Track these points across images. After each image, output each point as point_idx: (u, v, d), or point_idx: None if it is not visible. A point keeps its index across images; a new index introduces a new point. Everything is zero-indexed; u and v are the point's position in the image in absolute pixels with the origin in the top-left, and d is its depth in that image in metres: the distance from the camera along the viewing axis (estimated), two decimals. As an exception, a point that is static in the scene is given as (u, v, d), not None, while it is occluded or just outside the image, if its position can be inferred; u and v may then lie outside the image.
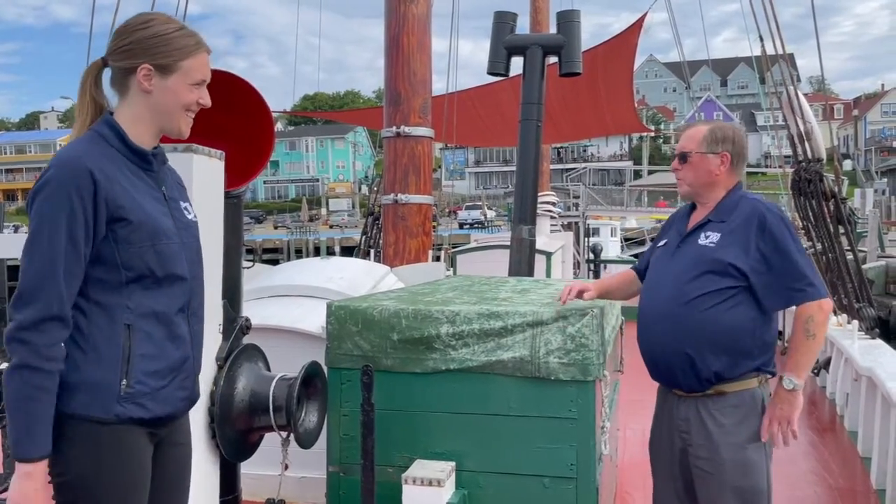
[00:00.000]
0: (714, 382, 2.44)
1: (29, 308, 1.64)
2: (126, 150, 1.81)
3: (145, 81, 1.82)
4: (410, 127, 6.20)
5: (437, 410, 2.66)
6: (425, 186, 6.54)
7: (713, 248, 2.46)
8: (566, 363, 2.55)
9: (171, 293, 1.82)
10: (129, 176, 1.79)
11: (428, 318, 2.68)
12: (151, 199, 1.82)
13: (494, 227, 39.92)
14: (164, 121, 1.86)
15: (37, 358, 1.62)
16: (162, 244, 1.79)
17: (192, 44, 1.85)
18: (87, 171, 1.70)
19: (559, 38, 5.30)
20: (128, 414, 1.73)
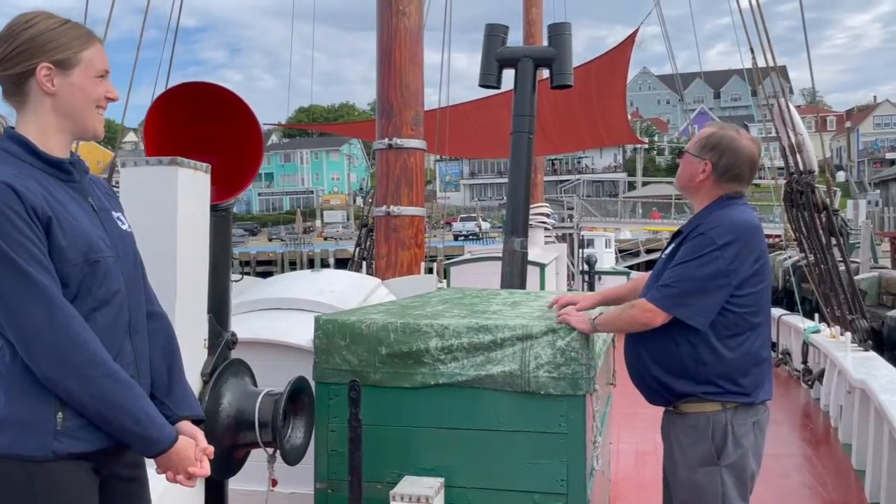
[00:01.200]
0: (671, 399, 2.45)
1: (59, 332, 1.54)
2: (40, 163, 1.65)
3: (47, 82, 1.65)
4: (403, 139, 6.19)
5: (426, 426, 2.63)
6: (418, 198, 6.53)
7: (663, 261, 2.51)
8: (556, 377, 2.52)
9: (109, 311, 1.67)
10: (51, 190, 1.63)
11: (417, 332, 2.65)
12: (80, 212, 1.67)
13: (489, 238, 39.93)
14: (75, 122, 1.70)
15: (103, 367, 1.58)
16: (97, 257, 1.64)
17: (84, 34, 1.71)
18: (7, 186, 1.54)
19: (550, 51, 5.31)
20: (66, 449, 1.58)
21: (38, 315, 1.53)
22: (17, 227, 1.53)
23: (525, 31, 11.92)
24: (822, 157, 8.13)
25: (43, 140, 1.68)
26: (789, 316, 9.23)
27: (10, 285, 1.53)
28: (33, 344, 1.54)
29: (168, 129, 2.86)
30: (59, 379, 1.55)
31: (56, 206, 1.61)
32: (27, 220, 1.54)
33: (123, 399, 1.59)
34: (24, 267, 1.53)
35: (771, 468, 4.88)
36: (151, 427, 1.63)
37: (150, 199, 2.20)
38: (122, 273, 1.72)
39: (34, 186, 1.59)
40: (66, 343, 1.54)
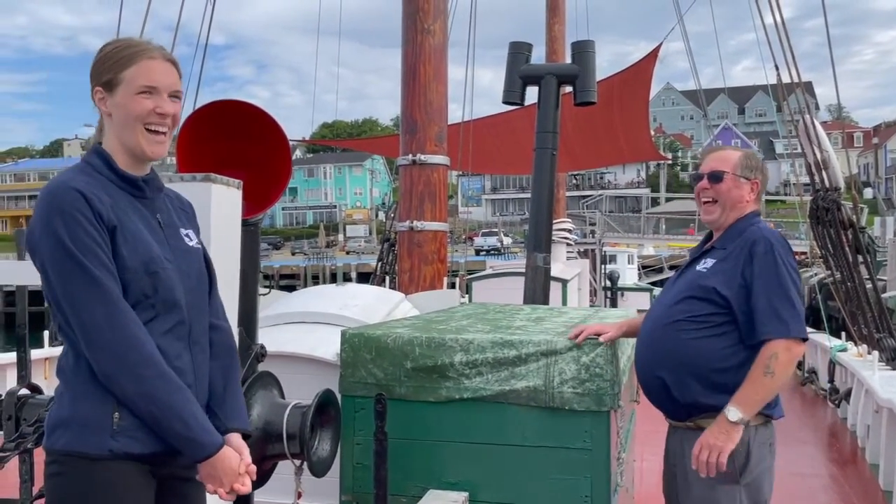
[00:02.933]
0: (693, 414, 2.42)
1: (116, 332, 1.62)
2: (115, 178, 1.78)
3: (101, 104, 1.80)
4: (426, 155, 6.25)
5: (451, 440, 2.65)
6: (441, 214, 6.58)
7: (704, 274, 2.44)
8: (580, 393, 2.54)
9: (168, 321, 1.74)
10: (120, 202, 1.75)
11: (441, 347, 2.68)
12: (145, 227, 1.77)
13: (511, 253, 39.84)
14: (124, 139, 1.79)
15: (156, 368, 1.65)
16: (156, 269, 1.73)
17: (130, 53, 1.79)
18: (78, 192, 1.66)
19: (574, 68, 5.35)
20: (123, 449, 1.66)
21: (100, 314, 1.62)
22: (86, 230, 1.63)
23: (548, 47, 11.98)
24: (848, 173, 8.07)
25: (116, 156, 1.80)
26: (815, 334, 9.12)
27: (77, 285, 1.62)
28: (94, 341, 1.63)
29: (199, 145, 2.93)
30: (115, 376, 1.63)
31: (122, 217, 1.71)
32: (95, 225, 1.65)
33: (173, 401, 1.66)
34: (90, 268, 1.62)
35: (797, 488, 4.82)
36: (198, 430, 1.69)
37: None
38: (184, 286, 1.79)
39: (103, 196, 1.70)
40: (123, 342, 1.63)
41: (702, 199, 2.55)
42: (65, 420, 1.66)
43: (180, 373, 1.73)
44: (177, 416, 1.66)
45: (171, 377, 1.68)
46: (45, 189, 1.71)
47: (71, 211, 1.63)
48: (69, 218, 1.63)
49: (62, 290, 1.64)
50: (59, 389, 1.72)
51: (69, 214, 1.63)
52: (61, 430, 1.66)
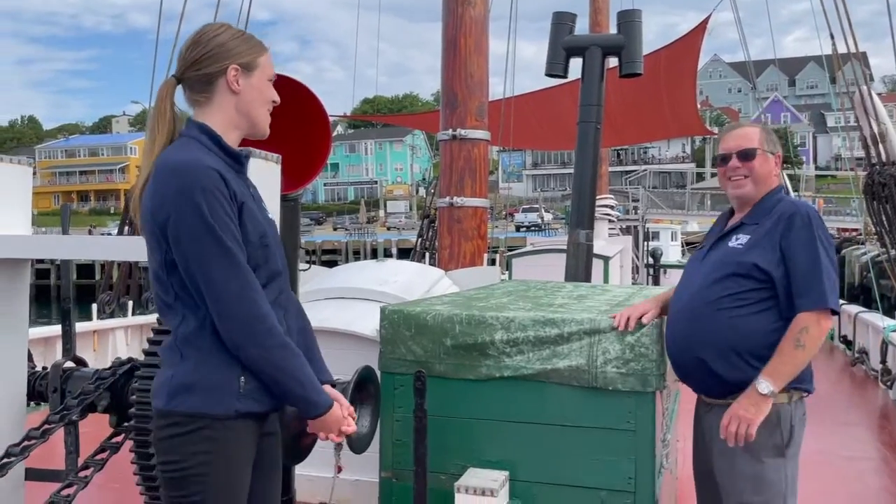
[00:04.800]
0: (734, 391, 2.34)
1: (245, 305, 1.75)
2: (222, 154, 1.87)
3: (234, 81, 1.87)
4: (467, 129, 6.16)
5: (491, 418, 2.62)
6: (481, 189, 6.49)
7: (740, 250, 2.38)
8: (625, 373, 2.47)
9: (274, 289, 1.88)
10: (233, 176, 1.86)
11: (482, 324, 2.63)
12: (251, 199, 1.89)
13: (552, 229, 39.51)
14: (251, 119, 1.92)
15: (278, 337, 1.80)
16: (268, 241, 1.87)
17: (259, 42, 1.94)
18: (215, 170, 1.77)
19: (619, 39, 5.19)
20: (247, 408, 1.81)
21: (233, 287, 1.75)
22: (224, 208, 1.76)
23: (591, 19, 11.69)
24: (906, 147, 7.72)
25: (223, 133, 1.89)
26: (867, 313, 8.84)
27: (214, 260, 1.74)
28: (226, 312, 1.76)
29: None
30: (244, 345, 1.77)
31: (241, 192, 1.83)
32: (230, 203, 1.77)
33: (293, 366, 1.82)
34: (227, 244, 1.75)
35: (846, 471, 4.69)
36: (314, 392, 1.86)
37: None
38: (279, 254, 1.92)
39: (229, 174, 1.81)
40: (252, 314, 1.76)
41: (731, 177, 2.50)
42: (189, 384, 1.79)
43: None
44: (296, 381, 1.83)
45: (289, 345, 1.82)
46: (175, 166, 1.77)
47: (212, 189, 1.74)
48: (210, 195, 1.73)
49: (198, 263, 1.74)
50: (171, 356, 1.83)
51: (210, 192, 1.73)
52: (185, 393, 1.78)
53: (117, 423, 2.54)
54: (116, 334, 7.21)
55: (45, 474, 2.60)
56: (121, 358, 2.61)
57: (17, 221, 2.56)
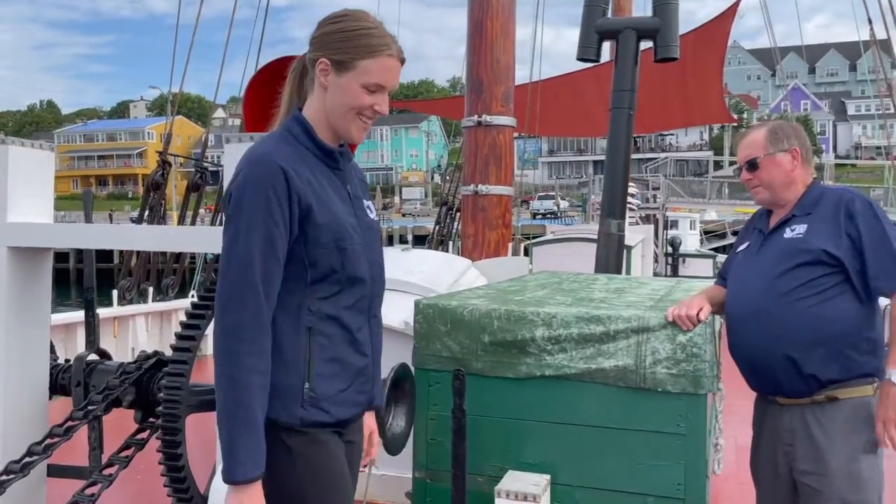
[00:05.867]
0: (824, 386, 2.23)
1: (229, 315, 1.59)
2: (314, 148, 1.75)
3: (322, 75, 1.74)
4: (492, 116, 6.02)
5: (531, 419, 2.50)
6: (506, 177, 6.35)
7: (802, 239, 2.29)
8: (675, 374, 2.34)
9: (352, 295, 1.75)
10: (317, 174, 1.73)
11: (522, 320, 2.51)
12: (338, 199, 1.76)
13: (568, 217, 39.29)
14: (335, 121, 1.76)
15: (237, 368, 1.57)
16: (346, 245, 1.72)
17: (375, 44, 1.73)
18: (280, 169, 1.64)
19: (655, 22, 5.01)
20: (312, 418, 1.69)
21: (234, 288, 1.59)
22: (270, 206, 1.61)
23: (614, 3, 11.46)
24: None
25: (318, 126, 1.76)
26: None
27: (235, 255, 1.61)
28: (216, 310, 1.62)
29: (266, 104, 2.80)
30: (214, 350, 1.60)
31: (319, 192, 1.70)
32: (284, 206, 1.62)
33: (233, 408, 1.57)
34: (253, 248, 1.60)
35: None
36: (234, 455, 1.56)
37: None
38: (368, 260, 1.78)
39: (303, 171, 1.68)
40: (226, 327, 1.58)
41: (750, 187, 2.49)
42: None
43: (360, 345, 1.77)
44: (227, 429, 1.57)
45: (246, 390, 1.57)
46: (249, 155, 1.68)
47: (266, 185, 1.61)
48: (261, 192, 1.61)
49: (224, 253, 1.63)
50: None
51: (263, 190, 1.61)
52: None
53: (142, 419, 2.45)
54: (137, 321, 7.16)
55: (67, 471, 2.52)
56: (146, 351, 2.51)
57: (40, 208, 2.46)
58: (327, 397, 1.70)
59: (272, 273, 1.63)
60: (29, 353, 2.45)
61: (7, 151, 2.36)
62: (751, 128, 2.57)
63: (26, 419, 2.42)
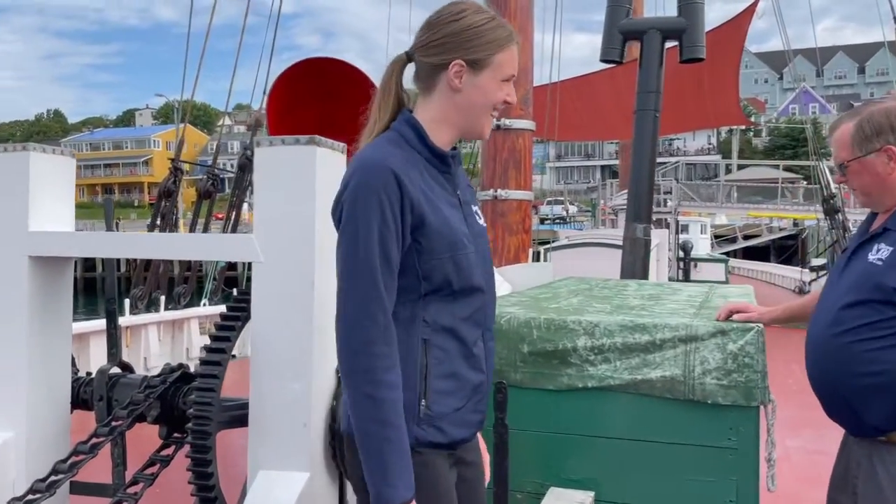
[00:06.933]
0: (883, 430, 2.02)
1: (359, 332, 1.52)
2: (427, 152, 1.67)
3: (456, 78, 1.65)
4: (511, 119, 5.95)
5: (573, 432, 2.39)
6: (525, 181, 6.28)
7: (880, 269, 2.00)
8: (726, 385, 2.23)
9: (467, 306, 1.65)
10: (429, 180, 1.65)
11: (562, 329, 2.40)
12: (449, 206, 1.67)
13: (577, 222, 39.12)
14: (469, 121, 1.70)
15: (375, 387, 1.50)
16: (460, 255, 1.63)
17: (504, 35, 1.67)
18: (393, 175, 1.56)
19: (681, 22, 4.92)
20: (427, 438, 1.60)
21: (355, 306, 1.52)
22: (385, 217, 1.54)
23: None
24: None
25: (433, 129, 1.68)
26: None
27: (353, 269, 1.54)
28: (338, 328, 1.55)
29: (292, 106, 2.72)
30: (342, 372, 1.55)
31: (432, 199, 1.62)
32: (397, 214, 1.55)
33: (374, 430, 1.51)
34: (372, 259, 1.53)
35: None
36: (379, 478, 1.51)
37: (287, 181, 2.04)
38: (481, 269, 1.69)
39: (416, 177, 1.61)
40: (357, 342, 1.51)
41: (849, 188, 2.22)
42: None
43: (476, 360, 1.67)
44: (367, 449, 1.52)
45: (385, 406, 1.50)
46: (360, 159, 1.60)
47: (379, 193, 1.54)
48: (374, 201, 1.54)
49: (342, 267, 1.56)
50: None
51: (376, 197, 1.54)
52: None
53: (167, 435, 2.35)
54: (149, 330, 7.08)
55: (91, 488, 2.42)
56: (170, 364, 2.42)
57: (61, 216, 2.38)
58: (443, 416, 1.61)
59: (391, 284, 1.56)
60: (52, 366, 2.36)
61: (28, 158, 2.27)
62: (840, 119, 2.21)
63: (50, 435, 2.33)
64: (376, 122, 1.71)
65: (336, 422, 2.14)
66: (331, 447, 2.13)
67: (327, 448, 2.12)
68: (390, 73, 1.73)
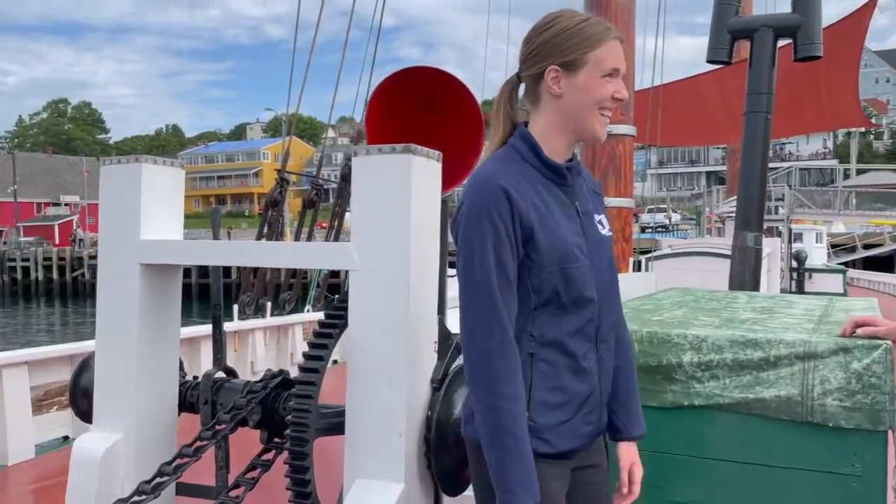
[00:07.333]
0: None
1: (477, 344, 1.58)
2: (540, 165, 1.70)
3: (554, 85, 1.68)
4: (612, 125, 5.81)
5: (678, 453, 2.27)
6: (626, 189, 6.13)
7: None
8: (849, 407, 2.06)
9: (577, 319, 1.66)
10: (543, 193, 1.67)
11: (667, 343, 2.29)
12: (564, 218, 1.68)
13: (680, 230, 37.93)
14: (577, 124, 1.70)
15: (494, 396, 1.55)
16: (571, 267, 1.64)
17: (598, 31, 1.68)
18: (502, 190, 1.60)
19: (795, 18, 4.65)
20: (534, 448, 1.60)
21: (477, 321, 1.58)
22: (497, 230, 1.58)
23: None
24: None
25: (545, 140, 1.71)
26: None
27: (471, 284, 1.59)
28: (463, 341, 1.61)
29: (390, 116, 2.72)
30: (468, 384, 1.61)
31: (543, 212, 1.64)
32: (510, 228, 1.59)
33: (497, 437, 1.56)
34: (489, 274, 1.58)
35: None
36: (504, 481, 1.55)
37: (382, 190, 2.04)
38: (596, 281, 1.69)
39: (528, 191, 1.63)
40: (477, 356, 1.57)
41: None
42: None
43: (586, 373, 1.67)
44: (493, 454, 1.57)
45: (510, 416, 1.55)
46: (473, 176, 1.67)
47: (490, 209, 1.59)
48: (486, 216, 1.59)
49: (462, 283, 1.62)
50: None
51: (487, 212, 1.59)
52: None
53: (268, 440, 2.40)
54: (256, 335, 7.33)
55: (196, 490, 2.50)
56: (271, 370, 2.47)
57: (171, 225, 2.47)
58: (548, 428, 1.63)
59: (509, 297, 1.59)
60: (160, 370, 2.46)
61: (140, 169, 2.38)
62: None
63: (157, 437, 2.42)
64: (493, 141, 1.76)
65: (431, 432, 2.12)
66: (426, 458, 2.10)
67: (422, 459, 2.10)
68: (500, 94, 1.77)
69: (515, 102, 1.78)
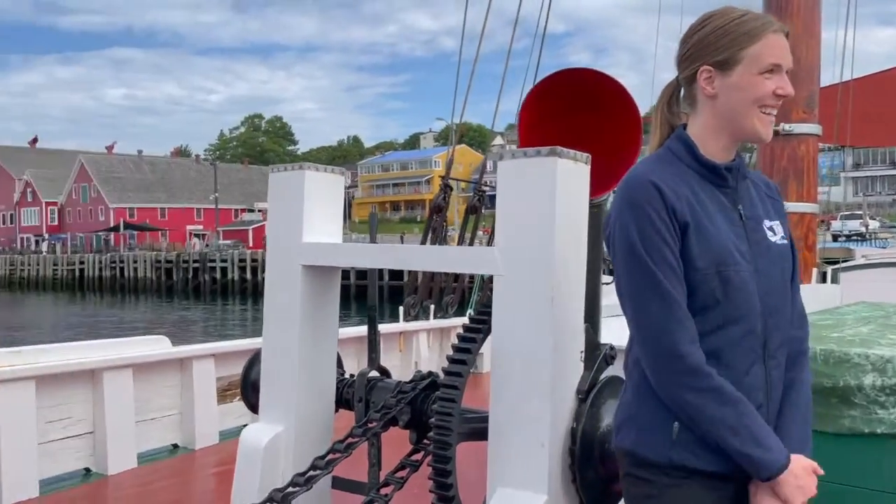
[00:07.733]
0: None
1: (659, 344, 1.54)
2: (696, 165, 1.65)
3: (707, 85, 1.64)
4: (792, 124, 5.38)
5: (857, 485, 2.04)
6: (809, 193, 5.64)
7: None
8: None
9: (738, 330, 1.56)
10: (699, 193, 1.62)
11: (844, 363, 2.07)
12: (723, 221, 1.61)
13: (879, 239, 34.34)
14: (735, 124, 1.64)
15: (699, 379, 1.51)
16: (730, 270, 1.55)
17: (754, 27, 1.60)
18: (653, 185, 1.57)
19: None
20: (681, 461, 1.55)
21: (654, 317, 1.54)
22: (655, 227, 1.54)
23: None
24: None
25: (703, 142, 1.66)
26: None
27: (638, 283, 1.56)
28: (642, 343, 1.58)
29: (543, 119, 2.68)
30: (659, 384, 1.55)
31: (698, 211, 1.59)
32: (666, 221, 1.55)
33: (723, 413, 1.50)
34: (653, 269, 1.54)
35: None
36: (754, 445, 1.50)
37: (527, 193, 2.01)
38: (759, 289, 1.59)
39: (682, 189, 1.59)
40: (668, 350, 1.52)
41: None
42: (629, 418, 1.64)
43: (749, 389, 1.56)
44: (729, 429, 1.50)
45: (720, 390, 1.51)
46: (624, 180, 1.65)
47: (642, 205, 1.56)
48: (640, 212, 1.56)
49: (625, 286, 1.59)
50: (626, 382, 1.71)
51: (640, 209, 1.56)
52: (627, 429, 1.65)
53: (417, 440, 2.44)
54: (420, 337, 7.54)
55: (349, 485, 2.59)
56: (421, 371, 2.52)
57: (331, 229, 2.59)
58: (698, 440, 1.53)
59: (678, 286, 1.54)
60: (320, 367, 2.58)
61: (303, 176, 2.51)
62: None
63: (314, 431, 2.54)
64: (649, 146, 1.74)
65: (576, 444, 2.05)
66: (570, 471, 2.04)
67: (566, 471, 2.04)
68: (660, 98, 1.75)
69: (675, 107, 1.73)
